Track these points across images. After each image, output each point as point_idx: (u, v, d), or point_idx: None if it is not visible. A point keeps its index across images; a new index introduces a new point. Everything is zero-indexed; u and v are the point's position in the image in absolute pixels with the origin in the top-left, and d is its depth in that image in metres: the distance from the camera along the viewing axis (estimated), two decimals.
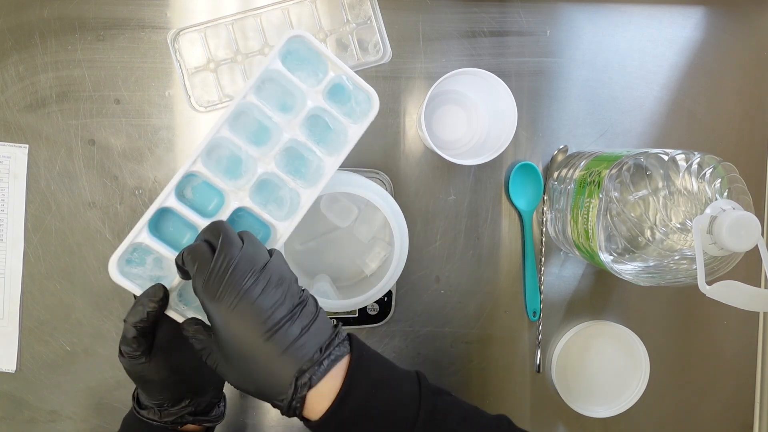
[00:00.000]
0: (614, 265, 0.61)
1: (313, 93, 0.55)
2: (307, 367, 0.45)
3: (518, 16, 0.73)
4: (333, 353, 0.47)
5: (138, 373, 0.52)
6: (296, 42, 0.54)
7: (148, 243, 0.52)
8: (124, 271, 0.52)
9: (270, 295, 0.46)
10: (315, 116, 0.55)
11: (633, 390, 0.75)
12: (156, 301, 0.49)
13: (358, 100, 0.56)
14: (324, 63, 0.55)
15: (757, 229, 0.52)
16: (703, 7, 0.75)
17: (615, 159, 0.61)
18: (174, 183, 0.52)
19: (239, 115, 0.54)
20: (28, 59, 0.70)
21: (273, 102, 0.55)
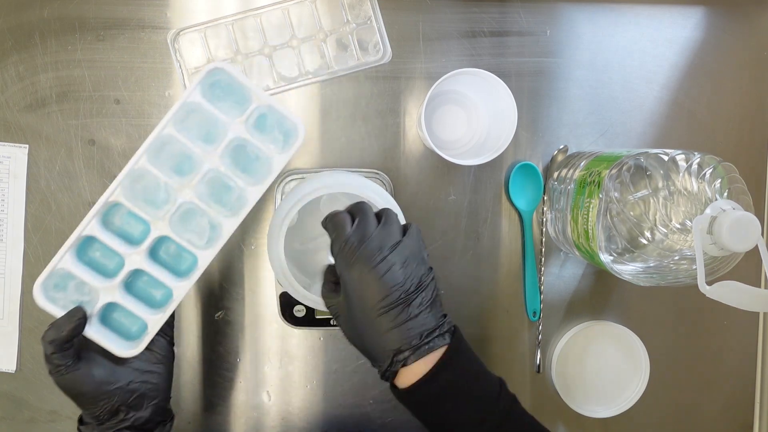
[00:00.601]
0: (614, 265, 0.61)
1: (235, 124, 0.56)
2: (405, 348, 0.50)
3: (518, 16, 0.73)
4: (432, 342, 0.51)
5: (65, 386, 0.54)
6: (218, 73, 0.56)
7: (70, 269, 0.55)
8: (49, 295, 0.55)
9: (393, 275, 0.50)
10: (239, 146, 0.57)
11: (633, 390, 0.75)
12: (73, 321, 0.53)
13: (282, 129, 0.57)
14: (248, 94, 0.56)
15: (757, 229, 0.52)
16: (703, 7, 0.75)
17: (615, 159, 0.61)
18: (93, 212, 0.55)
19: (163, 145, 0.56)
20: (28, 59, 0.70)
21: (195, 132, 0.57)
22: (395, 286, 0.50)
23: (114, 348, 0.55)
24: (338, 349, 0.74)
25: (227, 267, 0.73)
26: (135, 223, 0.57)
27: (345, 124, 0.73)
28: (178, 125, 0.56)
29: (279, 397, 0.74)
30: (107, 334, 0.56)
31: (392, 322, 0.50)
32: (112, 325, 0.57)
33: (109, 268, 0.57)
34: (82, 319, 0.54)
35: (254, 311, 0.73)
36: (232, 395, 0.74)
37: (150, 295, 0.58)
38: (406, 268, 0.51)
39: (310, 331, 0.73)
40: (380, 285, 0.50)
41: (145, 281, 0.58)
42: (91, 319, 0.55)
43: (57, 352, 0.53)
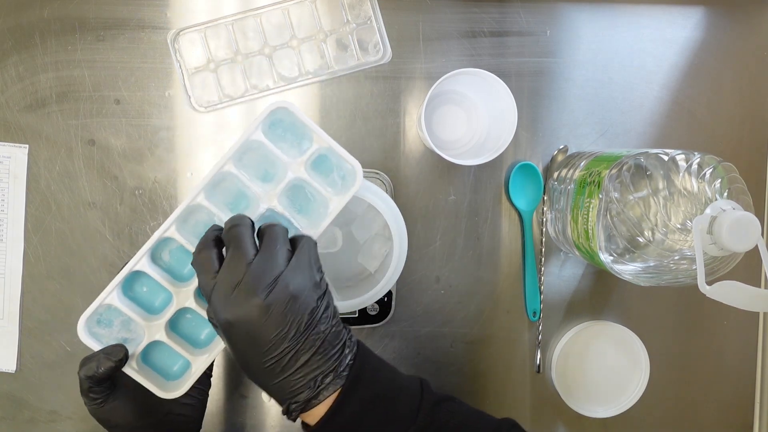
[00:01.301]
0: (614, 265, 0.61)
1: (295, 164, 0.54)
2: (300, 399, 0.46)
3: (518, 16, 0.73)
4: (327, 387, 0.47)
5: (99, 418, 0.53)
6: (281, 112, 0.54)
7: (117, 305, 0.52)
8: (92, 330, 0.52)
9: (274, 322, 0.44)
10: (297, 186, 0.55)
11: (633, 390, 0.75)
12: (114, 360, 0.50)
13: (341, 173, 0.55)
14: (309, 134, 0.54)
15: (757, 229, 0.52)
16: (703, 7, 0.75)
17: (615, 159, 0.61)
18: (148, 247, 0.52)
19: (219, 182, 0.54)
20: (28, 59, 0.70)
21: (253, 171, 0.54)
22: (277, 335, 0.44)
23: (155, 389, 0.52)
24: None
25: None
26: (185, 259, 0.54)
27: (345, 124, 0.73)
28: (237, 162, 0.54)
29: None
30: (148, 373, 0.53)
31: (280, 375, 0.46)
32: (153, 363, 0.54)
33: (155, 305, 0.54)
34: (123, 359, 0.51)
35: None
36: (233, 395, 0.74)
37: (195, 334, 0.55)
38: (293, 305, 0.45)
39: None
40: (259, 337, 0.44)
41: (189, 319, 0.55)
42: (134, 357, 0.52)
43: (93, 387, 0.51)
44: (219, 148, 0.72)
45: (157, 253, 0.54)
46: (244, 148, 0.53)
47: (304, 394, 0.46)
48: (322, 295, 0.47)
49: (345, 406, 0.47)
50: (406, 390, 0.49)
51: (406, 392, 0.49)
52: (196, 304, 0.53)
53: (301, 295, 0.45)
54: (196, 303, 0.53)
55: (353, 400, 0.47)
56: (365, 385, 0.48)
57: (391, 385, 0.49)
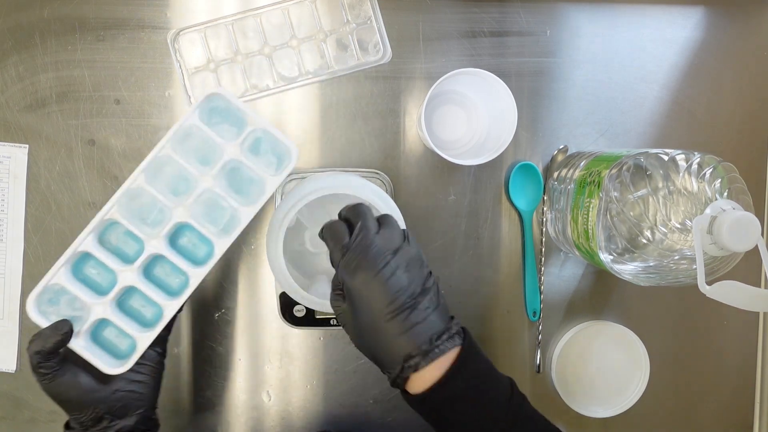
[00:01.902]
0: (614, 265, 0.61)
1: (231, 147, 0.57)
2: (415, 353, 0.50)
3: (518, 16, 0.73)
4: (442, 345, 0.50)
5: (50, 392, 0.55)
6: (216, 99, 0.58)
7: (63, 284, 0.56)
8: (42, 309, 0.56)
9: (397, 280, 0.50)
10: (234, 168, 0.58)
11: (633, 390, 0.75)
12: (60, 334, 0.54)
13: (276, 153, 0.59)
14: (244, 118, 0.58)
15: (757, 229, 0.52)
16: (703, 7, 0.75)
17: (615, 159, 0.61)
18: (90, 229, 0.56)
19: (160, 166, 0.57)
20: (28, 59, 0.70)
21: (193, 154, 0.58)
22: (400, 290, 0.50)
23: (101, 364, 0.55)
24: (338, 349, 0.74)
25: (227, 267, 0.73)
26: (130, 242, 0.58)
27: (345, 124, 0.73)
28: (177, 147, 0.57)
29: (279, 397, 0.74)
30: (96, 351, 0.56)
31: (400, 328, 0.50)
32: (103, 342, 0.57)
33: (103, 285, 0.58)
34: (68, 332, 0.54)
35: (254, 311, 0.73)
36: (232, 395, 0.74)
37: (141, 313, 0.59)
38: (410, 272, 0.51)
39: (310, 331, 0.73)
40: (385, 290, 0.50)
41: (137, 299, 0.58)
42: (81, 334, 0.56)
43: (42, 362, 0.53)
44: None
45: (104, 236, 0.57)
46: (182, 134, 0.57)
47: (421, 350, 0.50)
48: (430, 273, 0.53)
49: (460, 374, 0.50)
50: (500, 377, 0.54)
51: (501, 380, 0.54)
52: (142, 284, 0.56)
53: (416, 265, 0.52)
54: (141, 283, 0.56)
55: (466, 370, 0.51)
56: (475, 361, 0.52)
57: (492, 368, 0.54)
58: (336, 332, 0.74)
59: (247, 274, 0.73)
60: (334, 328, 0.72)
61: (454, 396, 0.51)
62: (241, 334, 0.73)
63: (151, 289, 0.57)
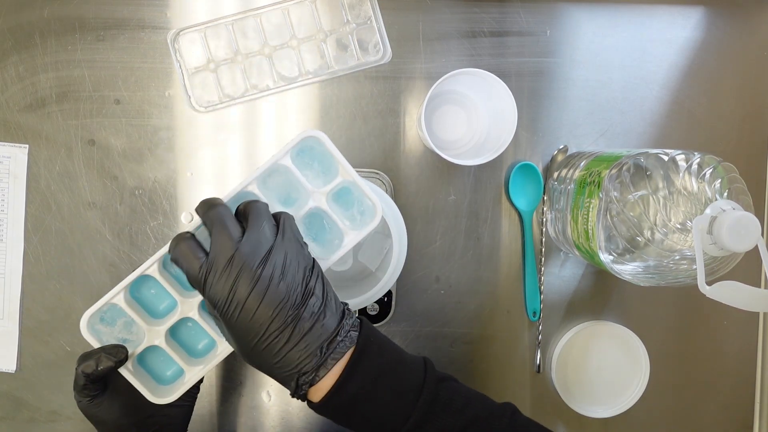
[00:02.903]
0: (614, 265, 0.61)
1: (318, 194, 0.54)
2: (306, 369, 0.46)
3: (518, 16, 0.73)
4: (334, 353, 0.47)
5: (87, 413, 0.54)
6: (311, 141, 0.54)
7: (123, 306, 0.53)
8: (94, 327, 0.53)
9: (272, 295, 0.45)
10: (315, 215, 0.55)
11: (633, 390, 0.75)
12: (114, 361, 0.51)
13: (361, 208, 0.55)
14: (335, 165, 0.54)
15: (757, 230, 0.52)
16: (703, 7, 0.75)
17: (615, 159, 0.61)
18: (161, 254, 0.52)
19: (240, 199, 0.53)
20: (28, 59, 0.70)
21: (276, 194, 0.55)
22: (278, 306, 0.45)
23: (147, 392, 0.53)
24: None
25: None
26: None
27: (345, 124, 0.73)
28: (260, 183, 0.54)
29: (279, 397, 0.74)
30: (141, 375, 0.54)
31: (285, 346, 0.45)
32: (147, 365, 0.55)
33: (159, 310, 0.55)
34: (122, 360, 0.51)
35: None
36: (232, 395, 0.74)
37: (193, 344, 0.56)
38: (287, 276, 0.45)
39: None
40: (261, 312, 0.45)
41: (189, 328, 0.55)
42: (131, 357, 0.53)
43: (88, 384, 0.52)
44: (219, 148, 0.72)
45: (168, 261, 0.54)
46: (269, 171, 0.54)
47: (312, 363, 0.46)
48: (312, 265, 0.48)
49: (353, 377, 0.47)
50: (410, 365, 0.50)
51: (411, 367, 0.50)
52: (199, 315, 0.53)
53: (293, 265, 0.46)
54: (199, 314, 0.53)
55: (360, 370, 0.47)
56: (371, 357, 0.48)
57: (397, 358, 0.50)
58: None
59: None
60: None
61: (354, 396, 0.47)
62: None
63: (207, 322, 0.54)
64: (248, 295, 0.44)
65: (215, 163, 0.72)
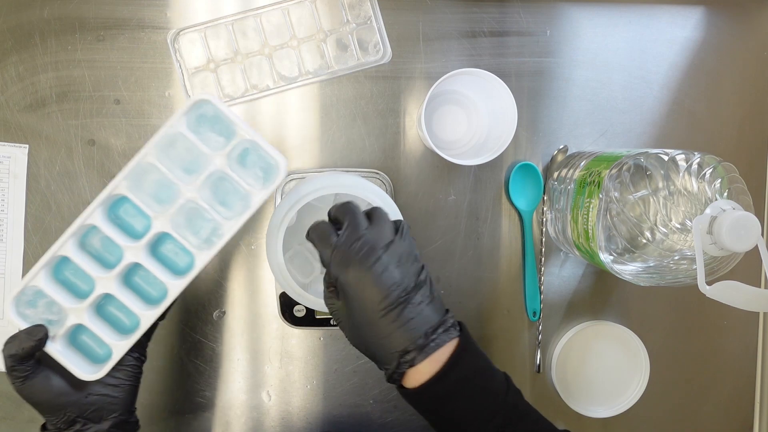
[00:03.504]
0: (614, 265, 0.61)
1: (217, 157, 0.55)
2: (411, 348, 0.50)
3: (518, 16, 0.73)
4: (438, 339, 0.50)
5: (23, 395, 0.55)
6: (204, 105, 0.55)
7: (42, 287, 0.55)
8: (20, 310, 0.55)
9: (390, 275, 0.50)
10: (220, 179, 0.56)
11: (633, 390, 0.75)
12: (34, 340, 0.54)
13: (263, 166, 0.57)
14: (232, 127, 0.56)
15: (757, 229, 0.52)
16: (703, 7, 0.75)
17: (615, 159, 0.61)
18: (70, 232, 0.55)
19: (143, 173, 0.56)
20: (28, 59, 0.70)
21: (178, 164, 0.56)
22: (393, 285, 0.50)
23: (76, 370, 0.55)
24: (338, 349, 0.74)
25: (227, 266, 0.73)
26: (111, 248, 0.57)
27: (345, 124, 0.73)
28: (160, 154, 0.55)
29: (279, 397, 0.74)
30: (71, 355, 0.56)
31: (395, 323, 0.50)
32: (80, 345, 0.57)
33: (83, 288, 0.57)
34: (42, 338, 0.54)
35: (254, 311, 0.73)
36: (232, 395, 0.74)
37: (119, 320, 0.58)
38: (402, 267, 0.51)
39: (310, 331, 0.73)
40: (378, 286, 0.49)
41: (115, 305, 0.58)
42: (58, 338, 0.55)
43: (16, 366, 0.53)
44: None
45: (86, 241, 0.56)
46: (168, 141, 0.55)
47: (417, 344, 0.50)
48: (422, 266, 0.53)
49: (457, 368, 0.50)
50: (496, 372, 0.53)
51: (497, 374, 0.53)
52: (120, 292, 0.56)
53: (408, 259, 0.51)
54: (120, 291, 0.56)
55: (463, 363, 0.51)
56: (471, 355, 0.52)
57: (489, 363, 0.54)
58: (336, 332, 0.74)
59: (247, 274, 0.73)
60: (334, 328, 0.72)
61: (451, 391, 0.50)
62: (240, 334, 0.73)
63: (129, 298, 0.56)
64: (369, 270, 0.49)
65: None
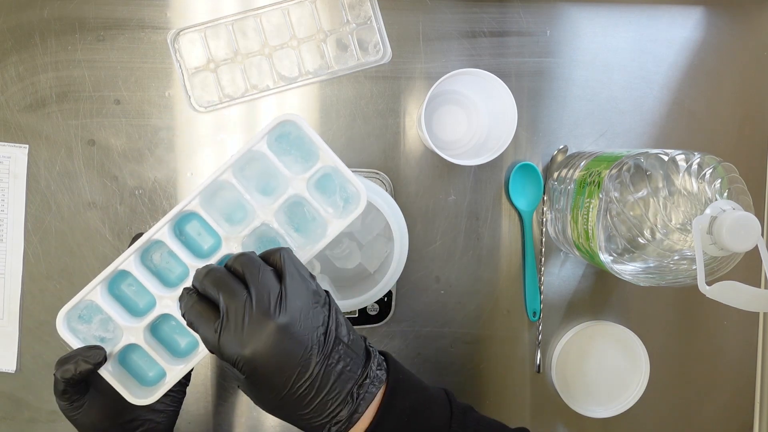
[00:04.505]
0: (614, 265, 0.61)
1: (297, 180, 0.52)
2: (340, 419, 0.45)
3: (518, 16, 0.73)
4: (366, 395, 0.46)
5: (71, 416, 0.52)
6: (289, 125, 0.52)
7: (99, 302, 0.51)
8: (71, 325, 0.52)
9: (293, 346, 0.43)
10: (296, 203, 0.53)
11: (633, 390, 0.75)
12: (92, 363, 0.49)
13: (344, 195, 0.53)
14: (315, 151, 0.52)
15: (757, 230, 0.52)
16: (703, 7, 0.75)
17: (615, 159, 0.61)
18: (136, 247, 0.51)
19: (217, 190, 0.52)
20: (28, 59, 0.70)
21: (254, 183, 0.53)
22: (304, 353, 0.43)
23: (127, 393, 0.51)
24: None
25: None
26: (174, 266, 0.53)
27: (345, 124, 0.73)
28: (237, 172, 0.52)
29: None
30: (122, 377, 0.52)
31: (314, 396, 0.44)
32: (130, 365, 0.53)
33: (140, 307, 0.53)
34: (101, 362, 0.50)
35: None
36: (233, 395, 0.74)
37: (175, 342, 0.53)
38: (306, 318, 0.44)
39: None
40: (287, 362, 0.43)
41: (172, 326, 0.53)
42: (109, 357, 0.52)
43: (69, 388, 0.51)
44: (219, 148, 0.72)
45: (147, 255, 0.52)
46: (245, 159, 0.52)
47: (345, 410, 0.45)
48: (326, 301, 0.47)
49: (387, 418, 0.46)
50: (435, 400, 0.49)
51: (437, 402, 0.49)
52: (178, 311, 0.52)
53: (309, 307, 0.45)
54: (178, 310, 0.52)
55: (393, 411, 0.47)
56: (402, 396, 0.47)
57: (425, 394, 0.49)
58: None
59: None
60: None
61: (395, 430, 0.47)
62: None
63: None
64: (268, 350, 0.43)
65: (215, 163, 0.72)
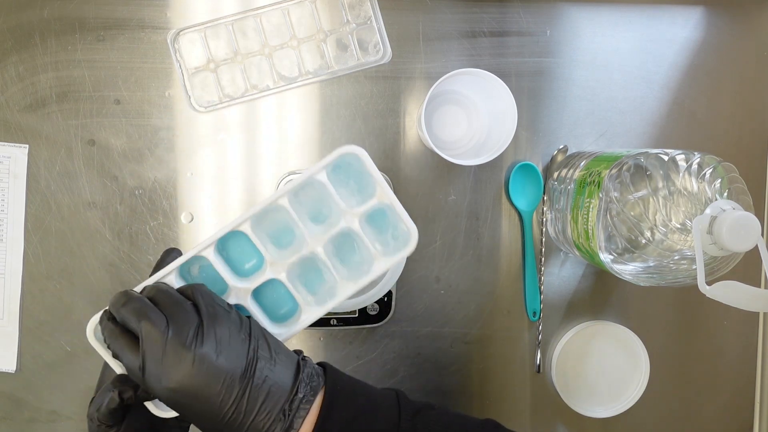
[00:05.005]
0: (614, 265, 0.61)
1: (351, 214, 0.50)
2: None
3: (518, 16, 0.73)
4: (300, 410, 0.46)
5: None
6: (350, 157, 0.50)
7: None
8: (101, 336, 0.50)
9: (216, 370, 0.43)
10: (346, 235, 0.51)
11: (633, 390, 0.75)
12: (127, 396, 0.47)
13: (395, 233, 0.52)
14: (372, 185, 0.50)
15: (757, 229, 0.52)
16: (703, 7, 0.75)
17: (615, 159, 0.61)
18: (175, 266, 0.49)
19: (269, 211, 0.51)
20: (28, 59, 0.70)
21: (306, 209, 0.51)
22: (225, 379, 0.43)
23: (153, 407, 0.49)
24: (338, 349, 0.74)
25: None
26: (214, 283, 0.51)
27: (345, 124, 0.73)
28: (291, 197, 0.51)
29: None
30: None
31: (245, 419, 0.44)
32: None
33: None
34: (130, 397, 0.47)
35: None
36: None
37: None
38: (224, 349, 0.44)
39: (310, 331, 0.73)
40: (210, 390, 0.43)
41: None
42: None
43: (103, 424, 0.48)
44: (219, 148, 0.72)
45: (185, 268, 0.51)
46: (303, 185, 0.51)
47: (279, 428, 0.45)
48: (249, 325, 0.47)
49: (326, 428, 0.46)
50: (382, 404, 0.49)
51: (384, 406, 0.49)
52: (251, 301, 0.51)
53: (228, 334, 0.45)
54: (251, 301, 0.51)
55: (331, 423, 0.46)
56: (341, 407, 0.47)
57: (368, 401, 0.49)
58: (336, 332, 0.74)
59: None
60: (334, 327, 0.72)
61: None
62: None
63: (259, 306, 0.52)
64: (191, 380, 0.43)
65: (215, 163, 0.72)
